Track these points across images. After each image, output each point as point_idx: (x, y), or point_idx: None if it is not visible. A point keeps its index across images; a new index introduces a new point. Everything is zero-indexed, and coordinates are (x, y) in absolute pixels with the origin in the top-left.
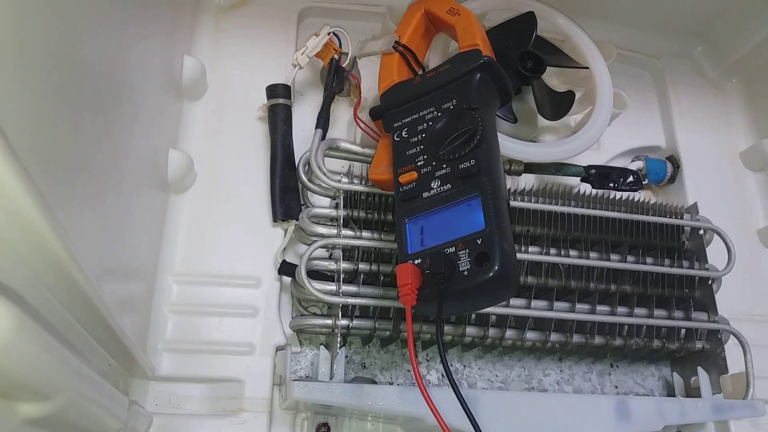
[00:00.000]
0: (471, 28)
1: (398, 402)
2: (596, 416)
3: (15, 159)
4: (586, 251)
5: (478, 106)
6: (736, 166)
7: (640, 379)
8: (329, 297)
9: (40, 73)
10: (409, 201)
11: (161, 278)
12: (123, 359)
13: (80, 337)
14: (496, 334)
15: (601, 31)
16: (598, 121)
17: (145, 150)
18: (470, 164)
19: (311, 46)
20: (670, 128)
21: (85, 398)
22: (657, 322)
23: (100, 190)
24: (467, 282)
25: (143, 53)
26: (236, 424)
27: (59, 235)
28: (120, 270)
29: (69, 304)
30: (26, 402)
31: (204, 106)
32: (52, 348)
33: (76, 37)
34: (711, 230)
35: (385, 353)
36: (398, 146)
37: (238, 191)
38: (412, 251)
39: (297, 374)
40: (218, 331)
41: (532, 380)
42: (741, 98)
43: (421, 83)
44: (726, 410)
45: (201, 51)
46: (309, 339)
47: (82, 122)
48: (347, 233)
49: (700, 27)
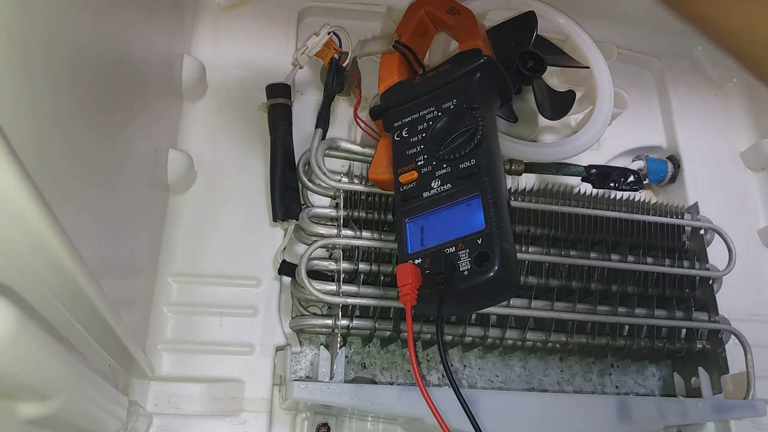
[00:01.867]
0: (471, 27)
1: (398, 402)
2: (597, 416)
3: (15, 159)
4: (587, 251)
5: (478, 105)
6: (737, 165)
7: (641, 379)
8: (329, 297)
9: (40, 73)
10: (409, 201)
11: (161, 278)
12: (123, 359)
13: (80, 337)
14: (496, 334)
15: (602, 31)
16: (598, 121)
17: (144, 150)
18: (470, 164)
19: (311, 46)
20: (670, 128)
21: (84, 398)
22: (658, 322)
23: (99, 190)
24: (467, 282)
25: (143, 53)
26: (236, 424)
27: (59, 235)
28: (120, 270)
29: (69, 304)
30: (26, 402)
31: (204, 105)
32: (52, 348)
33: (76, 37)
34: (712, 230)
35: (385, 353)
36: (398, 146)
37: (238, 191)
38: (413, 251)
39: (297, 374)
40: (218, 331)
41: (533, 380)
42: (742, 98)
43: (421, 83)
44: (727, 410)
45: (201, 51)
46: (309, 339)
47: (82, 122)
48: (347, 233)
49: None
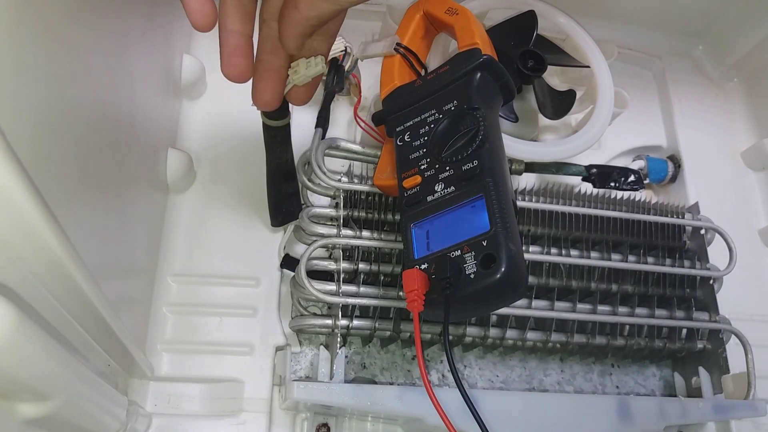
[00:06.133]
0: (470, 27)
1: (398, 402)
2: (597, 416)
3: (15, 159)
4: (587, 251)
5: (479, 105)
6: (738, 165)
7: (641, 379)
8: (329, 297)
9: (39, 72)
10: (413, 205)
11: (161, 278)
12: (122, 359)
13: (79, 337)
14: (496, 334)
15: (602, 30)
16: (599, 121)
17: (144, 149)
18: (473, 165)
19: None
20: (671, 127)
21: (84, 399)
22: (658, 322)
23: (99, 190)
24: (474, 285)
25: (142, 52)
26: (236, 424)
27: (58, 235)
28: (119, 270)
29: (68, 304)
30: (25, 402)
31: (203, 105)
32: (51, 348)
33: (75, 36)
34: (712, 230)
35: (386, 353)
36: (401, 151)
37: (238, 191)
38: (419, 256)
39: (297, 374)
40: (218, 331)
41: (533, 380)
42: (742, 97)
43: (422, 86)
44: (727, 410)
45: (200, 50)
46: (309, 339)
47: (81, 122)
48: (347, 233)
49: (701, 26)
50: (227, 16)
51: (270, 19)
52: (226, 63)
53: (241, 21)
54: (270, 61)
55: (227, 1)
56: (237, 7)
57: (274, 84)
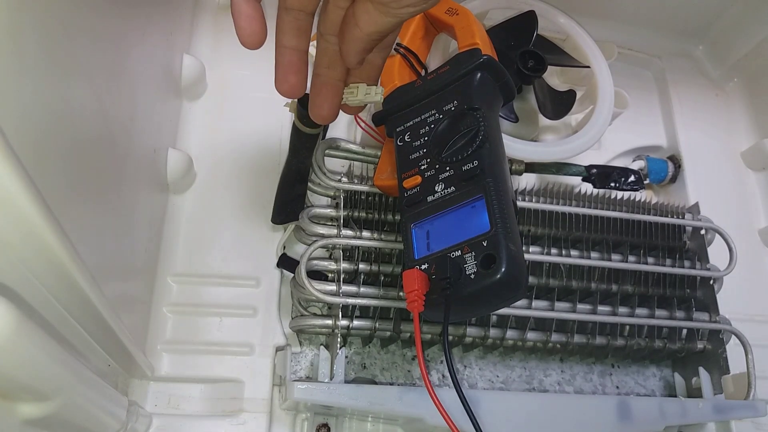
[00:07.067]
0: (470, 27)
1: (398, 402)
2: (597, 417)
3: (15, 159)
4: (588, 251)
5: (479, 105)
6: (738, 165)
7: (642, 379)
8: (329, 297)
9: (39, 73)
10: (414, 206)
11: (161, 278)
12: (122, 359)
13: (79, 337)
14: (497, 334)
15: (602, 30)
16: (599, 121)
17: (144, 149)
18: (473, 165)
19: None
20: (671, 128)
21: (84, 399)
22: (658, 322)
23: (99, 190)
24: (474, 285)
25: (142, 52)
26: (236, 424)
27: (58, 235)
28: (119, 270)
29: (68, 304)
30: (25, 402)
31: (203, 105)
32: (51, 348)
33: (75, 36)
34: (712, 230)
35: (386, 353)
36: (401, 151)
37: (238, 191)
38: (419, 256)
39: (297, 375)
40: (218, 331)
41: (533, 381)
42: (742, 98)
43: (422, 86)
44: (727, 411)
45: (200, 50)
46: (309, 339)
47: (82, 121)
48: (347, 233)
49: (701, 26)
50: (283, 32)
51: (327, 33)
52: (280, 80)
53: (297, 37)
54: (327, 75)
55: (283, 17)
56: (293, 22)
57: (331, 98)
